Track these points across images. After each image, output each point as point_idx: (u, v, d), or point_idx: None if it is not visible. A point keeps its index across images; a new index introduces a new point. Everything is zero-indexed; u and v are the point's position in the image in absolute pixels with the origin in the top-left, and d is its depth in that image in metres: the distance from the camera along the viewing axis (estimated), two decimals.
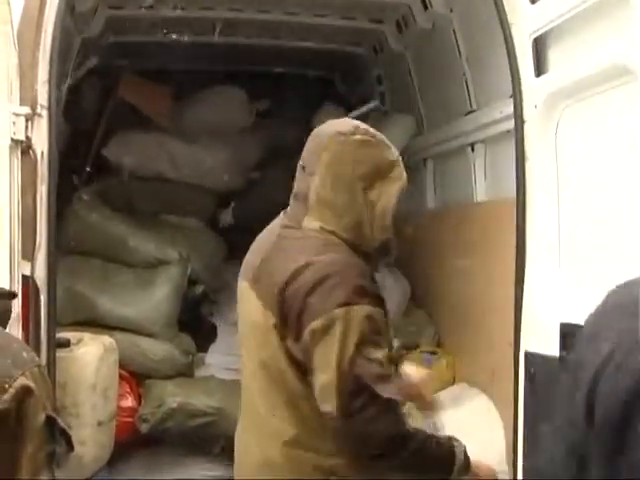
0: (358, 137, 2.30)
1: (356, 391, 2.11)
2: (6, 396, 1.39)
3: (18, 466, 1.42)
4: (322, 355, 2.12)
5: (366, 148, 2.30)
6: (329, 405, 2.14)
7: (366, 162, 2.28)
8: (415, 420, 4.50)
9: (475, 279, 4.36)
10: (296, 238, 2.28)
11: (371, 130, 2.38)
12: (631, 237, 2.59)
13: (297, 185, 2.35)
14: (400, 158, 2.39)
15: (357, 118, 2.66)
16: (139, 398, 4.62)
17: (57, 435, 1.50)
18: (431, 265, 4.27)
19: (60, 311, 3.88)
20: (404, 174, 2.35)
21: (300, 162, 2.36)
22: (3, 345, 1.49)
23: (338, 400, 2.12)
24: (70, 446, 1.54)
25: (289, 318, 2.16)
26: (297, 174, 2.36)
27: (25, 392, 1.42)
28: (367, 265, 2.28)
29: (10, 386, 1.40)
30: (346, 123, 2.39)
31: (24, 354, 1.51)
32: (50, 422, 1.48)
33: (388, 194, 2.31)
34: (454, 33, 4.40)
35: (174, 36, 5.11)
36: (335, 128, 2.34)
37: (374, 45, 5.49)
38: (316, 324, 2.11)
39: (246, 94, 5.81)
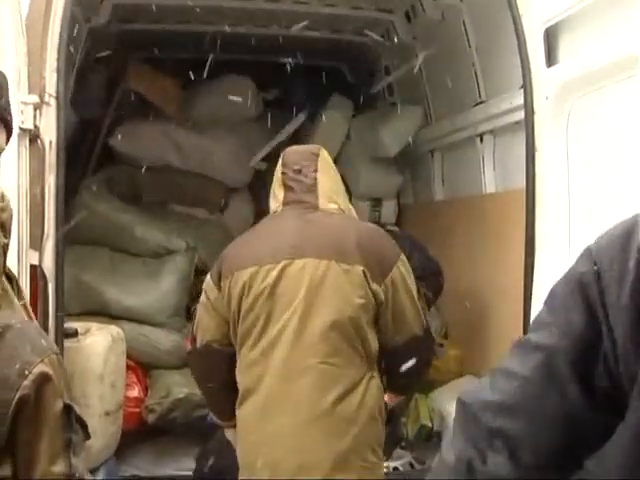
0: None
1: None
2: (26, 382, 1.44)
3: (37, 451, 1.47)
4: (408, 291, 2.79)
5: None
6: (419, 328, 2.82)
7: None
8: (422, 407, 4.51)
9: (484, 271, 4.35)
10: (327, 215, 2.86)
11: None
12: None
13: (298, 183, 2.87)
14: None
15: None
16: (146, 388, 4.62)
17: (74, 423, 1.53)
18: (439, 257, 4.25)
19: (68, 301, 3.88)
20: None
21: (294, 167, 2.89)
22: (23, 332, 1.52)
23: (424, 322, 2.86)
24: (86, 434, 1.55)
25: (372, 265, 2.72)
26: (292, 176, 2.88)
27: (44, 379, 1.47)
28: None
29: (30, 372, 1.45)
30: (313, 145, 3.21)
31: (42, 341, 1.54)
32: (67, 410, 1.51)
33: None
34: (463, 23, 4.38)
35: (181, 25, 5.09)
36: (313, 146, 3.09)
37: (383, 35, 5.46)
38: (397, 269, 2.77)
39: (254, 84, 5.79)
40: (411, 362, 2.79)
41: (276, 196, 2.94)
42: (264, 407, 2.71)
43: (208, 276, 3.00)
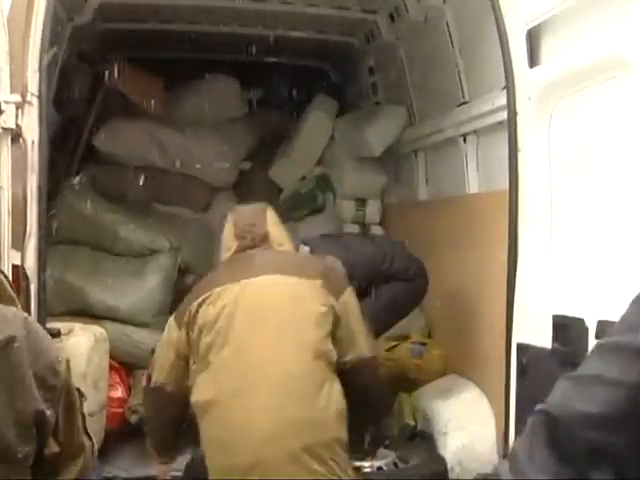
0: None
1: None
2: (61, 375, 1.71)
3: (76, 428, 1.79)
4: (358, 314, 3.04)
5: None
6: (367, 350, 3.04)
7: None
8: (405, 406, 4.52)
9: (467, 271, 4.36)
10: (281, 250, 3.19)
11: None
12: (624, 229, 2.59)
13: (250, 233, 3.15)
14: None
15: None
16: (129, 389, 4.61)
17: (85, 426, 1.85)
18: (423, 257, 4.26)
19: (50, 301, 3.86)
20: None
21: (246, 222, 3.18)
22: (39, 333, 1.74)
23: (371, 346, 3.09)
24: (90, 438, 1.92)
25: (329, 282, 2.99)
26: (244, 228, 3.16)
27: (68, 369, 1.76)
28: None
29: (61, 366, 1.73)
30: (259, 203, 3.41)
31: (50, 339, 1.80)
32: (80, 394, 1.83)
33: None
34: (447, 24, 4.39)
35: (166, 24, 5.08)
36: (261, 204, 3.37)
37: (367, 35, 5.48)
38: (349, 291, 3.03)
39: (239, 84, 5.79)
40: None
41: (229, 248, 3.19)
42: (232, 411, 2.82)
43: (171, 317, 3.15)
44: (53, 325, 3.35)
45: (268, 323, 2.92)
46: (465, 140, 4.51)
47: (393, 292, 4.16)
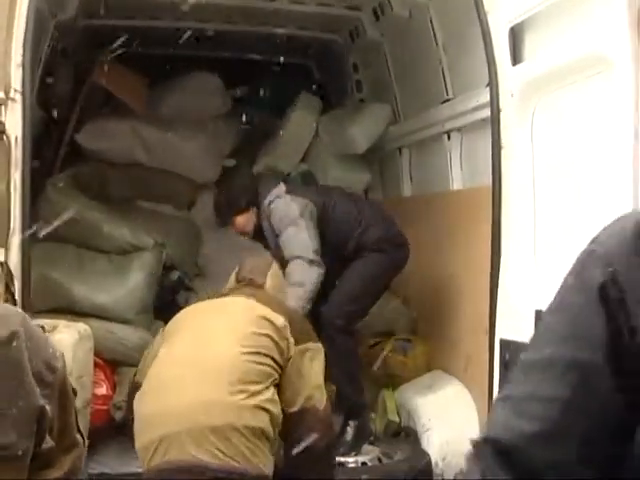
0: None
1: None
2: (58, 371, 1.75)
3: (70, 424, 1.84)
4: (312, 366, 3.15)
5: None
6: (318, 402, 3.13)
7: None
8: (389, 402, 4.54)
9: (451, 267, 4.38)
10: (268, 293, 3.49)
11: None
12: (605, 225, 2.61)
13: (251, 275, 3.51)
14: None
15: None
16: (114, 386, 4.59)
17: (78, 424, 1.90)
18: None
19: (34, 298, 3.84)
20: None
21: (248, 269, 3.54)
22: (36, 330, 1.81)
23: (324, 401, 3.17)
24: (82, 435, 1.96)
25: (294, 325, 3.19)
26: (245, 275, 3.52)
27: (64, 365, 1.81)
28: None
29: (58, 362, 1.77)
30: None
31: (46, 336, 1.88)
32: (75, 394, 1.88)
33: None
34: (431, 21, 4.41)
35: (150, 21, 5.07)
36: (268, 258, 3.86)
37: (351, 32, 5.48)
38: (313, 344, 3.21)
39: (222, 81, 5.78)
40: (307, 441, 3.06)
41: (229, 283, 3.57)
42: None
43: (160, 331, 3.49)
44: (37, 322, 3.34)
45: (206, 326, 3.20)
46: (449, 137, 4.53)
47: (368, 265, 4.25)
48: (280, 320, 3.13)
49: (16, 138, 3.01)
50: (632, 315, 1.03)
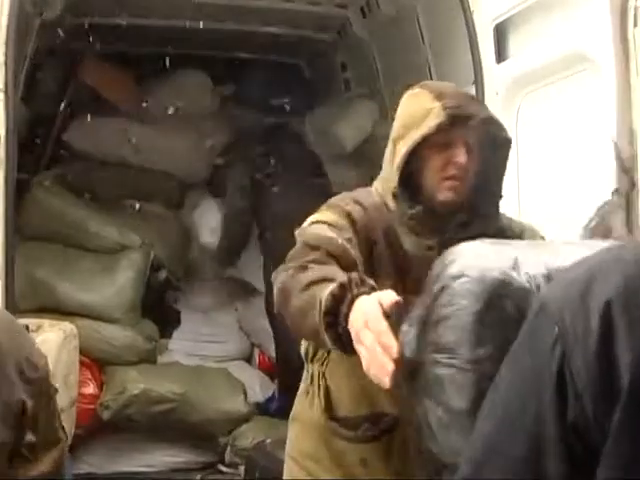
0: (410, 92, 2.25)
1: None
2: (40, 369, 1.76)
3: (53, 421, 1.86)
4: None
5: (409, 100, 2.23)
6: None
7: (401, 115, 2.22)
8: None
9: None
10: None
11: (428, 82, 2.36)
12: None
13: None
14: (445, 105, 2.11)
15: None
16: (101, 385, 4.59)
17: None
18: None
19: (20, 297, 3.84)
20: (434, 121, 2.09)
21: None
22: (18, 326, 1.87)
23: None
24: (64, 432, 1.98)
25: None
26: None
27: (46, 363, 1.82)
28: (386, 215, 2.22)
29: (41, 359, 1.79)
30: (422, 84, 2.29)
31: (27, 333, 1.95)
32: (55, 392, 1.90)
33: (409, 140, 2.13)
34: (418, 20, 4.41)
35: (137, 19, 5.05)
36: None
37: (338, 31, 5.48)
38: None
39: (210, 79, 5.77)
40: None
41: None
42: None
43: None
44: (22, 322, 3.33)
45: None
46: None
47: None
48: None
49: (0, 136, 3.00)
50: (576, 380, 1.01)
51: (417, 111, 2.15)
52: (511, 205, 3.07)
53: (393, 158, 2.19)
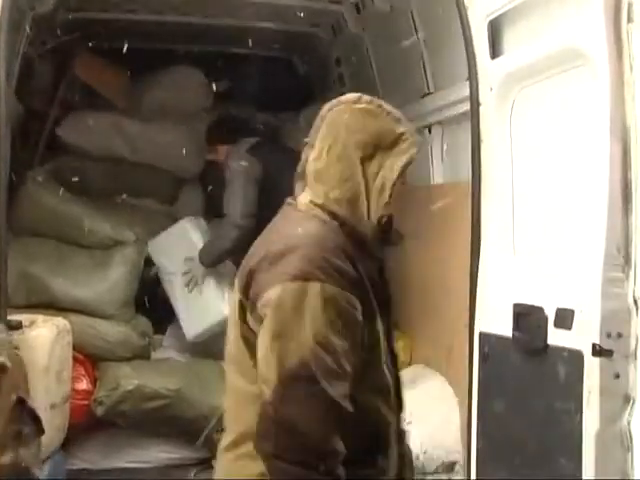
0: (360, 106, 2.11)
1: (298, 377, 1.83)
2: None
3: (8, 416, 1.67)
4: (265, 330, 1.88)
5: (367, 117, 2.10)
6: (266, 386, 1.85)
7: (365, 131, 2.07)
8: None
9: (431, 261, 4.39)
10: (284, 218, 2.11)
11: (377, 100, 2.16)
12: (583, 221, 2.62)
13: (300, 162, 2.17)
14: (412, 131, 2.14)
15: None
16: (94, 381, 4.58)
17: (25, 416, 1.58)
18: (386, 247, 4.28)
19: (14, 293, 3.83)
20: (412, 149, 2.12)
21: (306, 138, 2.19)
22: None
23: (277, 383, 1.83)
24: (39, 428, 1.62)
25: (248, 294, 1.97)
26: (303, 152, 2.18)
27: (0, 369, 1.65)
28: (359, 245, 2.11)
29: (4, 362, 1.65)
30: (352, 94, 2.17)
31: (1, 335, 1.57)
32: (21, 403, 1.55)
33: (390, 167, 2.08)
34: (412, 15, 4.40)
35: (130, 14, 5.03)
36: (338, 99, 2.16)
37: (333, 26, 5.47)
38: (268, 295, 1.88)
39: (204, 75, 5.75)
40: None
41: None
42: None
43: None
44: (15, 317, 3.33)
45: None
46: (430, 131, 4.53)
47: None
48: None
49: None
50: None
51: (384, 134, 2.08)
52: (505, 200, 3.08)
53: (367, 181, 2.08)
